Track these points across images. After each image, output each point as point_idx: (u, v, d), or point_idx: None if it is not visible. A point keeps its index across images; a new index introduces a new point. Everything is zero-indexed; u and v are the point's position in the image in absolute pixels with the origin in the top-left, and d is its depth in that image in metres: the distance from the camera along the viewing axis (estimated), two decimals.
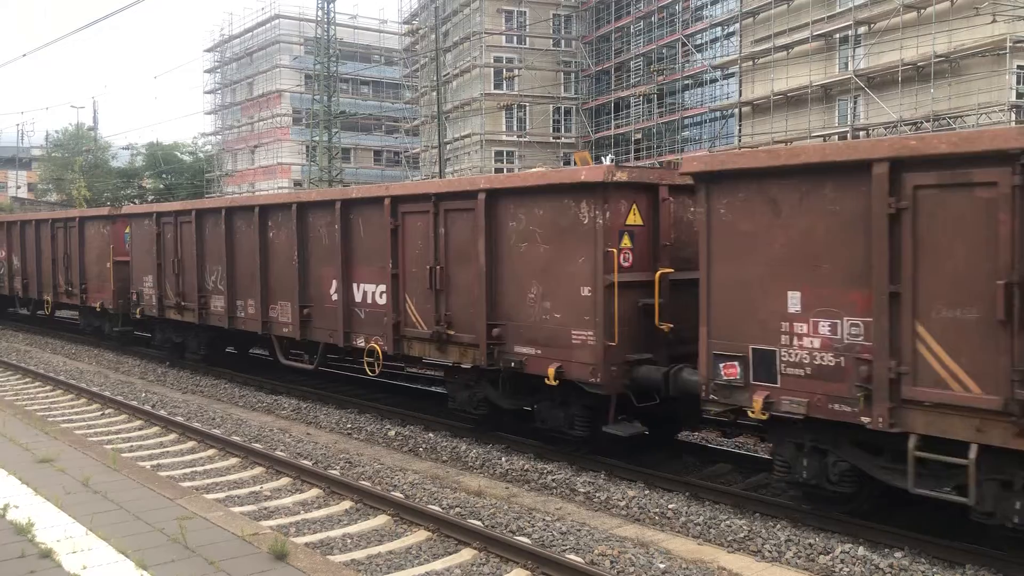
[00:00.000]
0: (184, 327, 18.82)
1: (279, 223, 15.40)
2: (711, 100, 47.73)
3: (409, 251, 12.69)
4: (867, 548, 7.88)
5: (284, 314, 15.30)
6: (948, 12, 32.47)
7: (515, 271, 11.11)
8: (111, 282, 21.16)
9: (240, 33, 70.49)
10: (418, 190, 13.03)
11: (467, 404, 12.30)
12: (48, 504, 8.20)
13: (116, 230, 21.18)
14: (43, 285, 24.69)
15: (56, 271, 23.86)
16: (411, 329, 12.69)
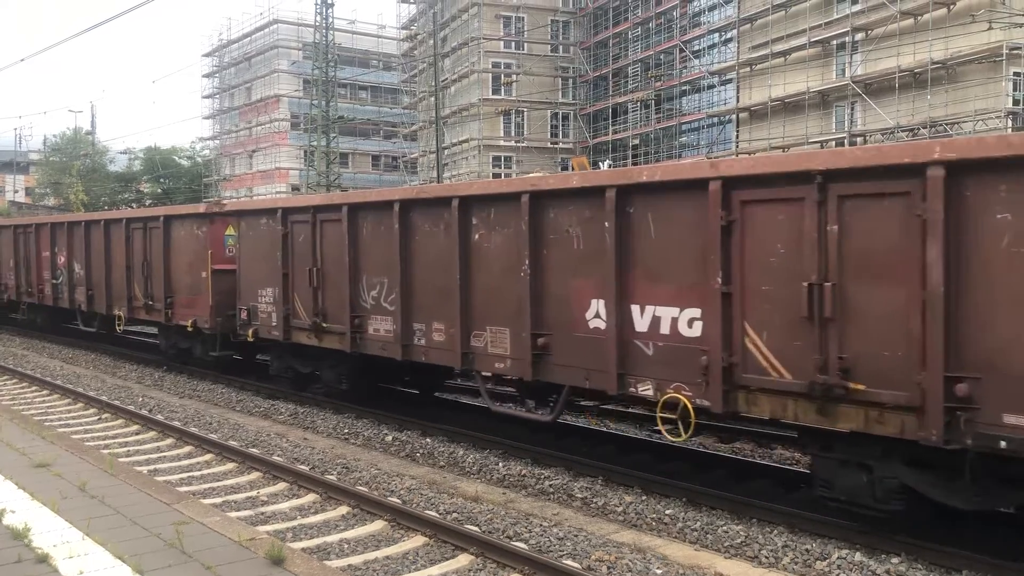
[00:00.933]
0: (318, 354, 14.76)
1: (493, 221, 11.31)
2: (709, 106, 47.89)
3: (755, 259, 8.48)
4: (864, 554, 7.88)
5: (498, 343, 11.24)
6: (944, 19, 32.60)
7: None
8: (208, 295, 16.96)
9: (239, 38, 70.63)
10: (782, 167, 8.49)
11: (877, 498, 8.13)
12: (45, 509, 8.18)
13: (215, 231, 17.17)
14: (113, 298, 20.83)
15: (131, 281, 19.94)
16: (758, 376, 8.48)
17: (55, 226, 23.88)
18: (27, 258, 25.33)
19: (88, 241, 22.03)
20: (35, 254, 24.79)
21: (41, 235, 24.54)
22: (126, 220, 20.42)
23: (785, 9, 39.22)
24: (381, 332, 12.96)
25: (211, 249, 17.03)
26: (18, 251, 25.87)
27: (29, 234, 25.36)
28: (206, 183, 71.71)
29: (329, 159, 56.64)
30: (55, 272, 23.60)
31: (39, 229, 24.88)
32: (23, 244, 25.64)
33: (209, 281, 16.89)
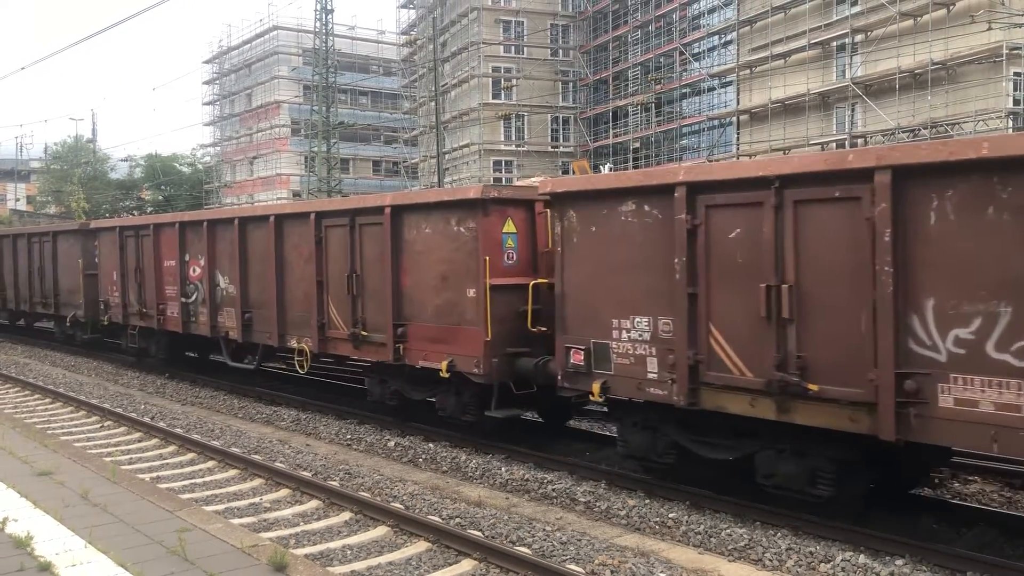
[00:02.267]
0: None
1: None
2: (709, 108, 47.89)
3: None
4: (868, 556, 7.86)
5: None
6: (944, 20, 32.60)
7: None
8: (482, 325, 11.47)
9: (239, 45, 70.74)
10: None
11: None
12: (47, 517, 8.17)
13: (488, 227, 11.63)
14: (290, 324, 15.26)
15: (324, 301, 14.34)
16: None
17: (187, 226, 18.26)
18: (140, 269, 19.80)
19: (244, 246, 16.33)
20: (153, 263, 19.17)
21: (163, 238, 18.90)
22: (315, 215, 14.46)
23: (785, 11, 39.23)
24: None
25: (486, 254, 11.55)
26: (125, 260, 20.36)
27: (144, 237, 19.63)
28: (207, 190, 71.79)
29: (330, 165, 56.68)
30: (185, 287, 18.17)
31: (160, 231, 19.08)
32: (134, 251, 20.08)
33: (484, 302, 11.54)
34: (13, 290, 27.10)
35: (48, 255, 24.74)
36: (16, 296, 26.87)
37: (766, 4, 39.72)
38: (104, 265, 21.62)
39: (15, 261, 26.94)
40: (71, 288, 23.60)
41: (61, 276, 24.13)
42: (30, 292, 25.88)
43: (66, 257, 23.86)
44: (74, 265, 23.29)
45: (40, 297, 25.29)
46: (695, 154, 48.52)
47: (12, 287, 27.16)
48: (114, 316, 21.03)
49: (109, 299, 21.20)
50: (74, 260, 23.29)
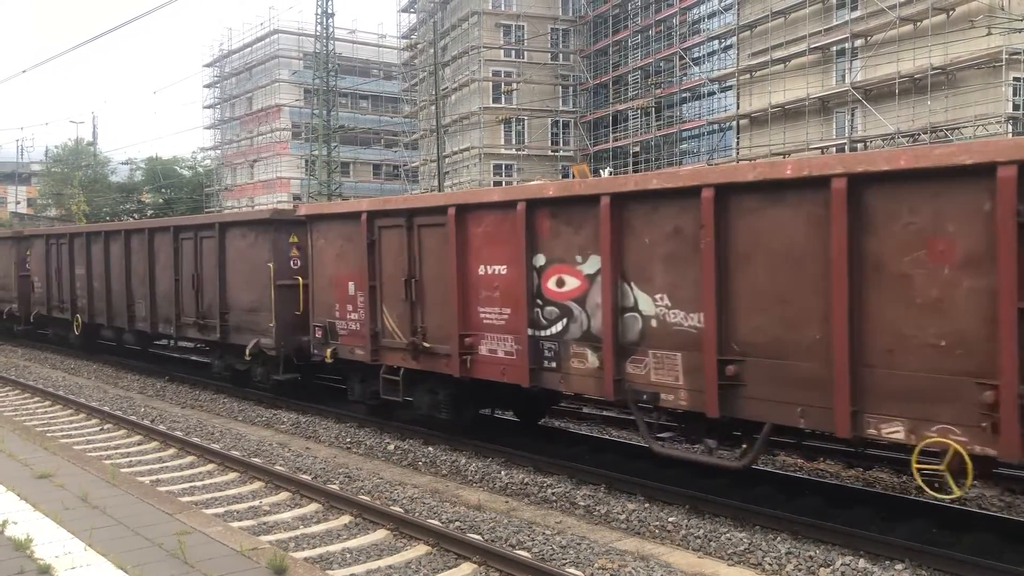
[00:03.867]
0: None
1: None
2: (709, 113, 47.94)
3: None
4: (868, 560, 7.86)
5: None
6: (944, 25, 32.65)
7: None
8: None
9: (239, 48, 70.82)
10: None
11: None
12: (47, 520, 8.17)
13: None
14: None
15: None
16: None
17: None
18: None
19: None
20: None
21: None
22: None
23: (785, 16, 39.28)
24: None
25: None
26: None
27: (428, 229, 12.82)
28: (207, 193, 71.82)
29: (330, 168, 56.70)
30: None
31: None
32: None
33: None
34: (147, 304, 19.41)
35: (210, 254, 17.45)
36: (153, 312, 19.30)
37: (766, 8, 39.77)
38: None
39: (150, 261, 19.44)
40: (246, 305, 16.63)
41: (233, 286, 17.00)
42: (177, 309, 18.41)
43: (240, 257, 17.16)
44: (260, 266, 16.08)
45: (196, 316, 17.91)
46: (695, 158, 48.58)
47: (146, 300, 19.40)
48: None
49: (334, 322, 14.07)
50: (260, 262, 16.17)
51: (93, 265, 22.00)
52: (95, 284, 21.93)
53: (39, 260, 24.94)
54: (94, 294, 21.94)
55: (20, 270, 26.05)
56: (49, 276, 24.19)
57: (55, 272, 23.88)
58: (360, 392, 14.27)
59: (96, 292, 21.82)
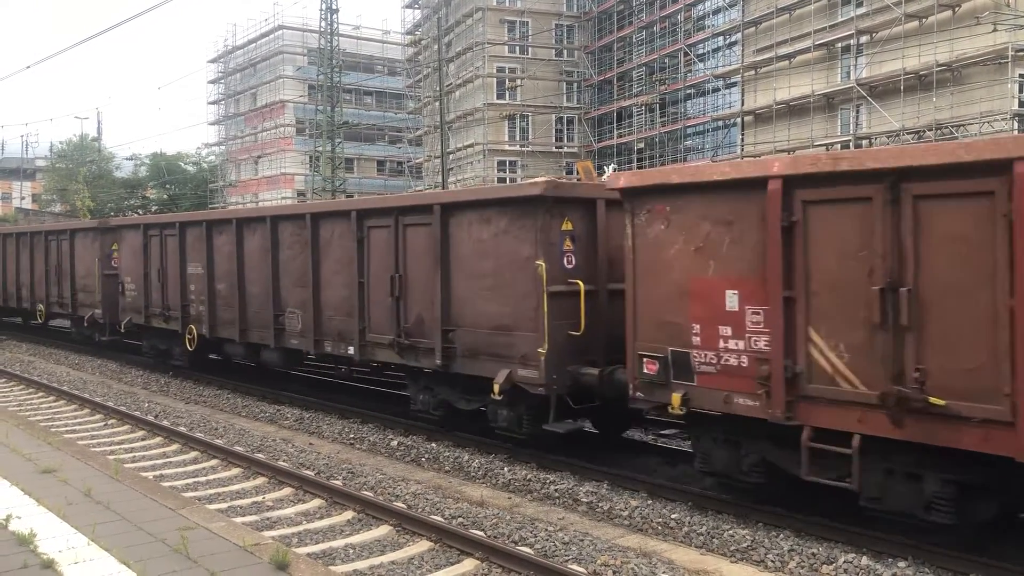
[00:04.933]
0: None
1: None
2: (713, 109, 47.84)
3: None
4: (871, 558, 7.85)
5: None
6: (949, 21, 32.54)
7: None
8: None
9: (244, 44, 70.81)
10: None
11: None
12: (50, 515, 8.19)
13: None
14: None
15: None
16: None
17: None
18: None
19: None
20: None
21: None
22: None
23: (790, 12, 39.18)
24: None
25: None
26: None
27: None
28: (212, 189, 71.87)
29: (334, 164, 56.72)
30: None
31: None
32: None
33: None
34: (307, 315, 14.94)
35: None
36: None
37: (771, 5, 39.67)
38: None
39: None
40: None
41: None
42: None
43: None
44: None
45: (396, 332, 13.63)
46: (700, 155, 48.49)
47: (306, 309, 14.91)
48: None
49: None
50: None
51: (217, 263, 17.27)
52: (219, 287, 17.25)
53: (133, 256, 20.08)
54: (217, 300, 17.26)
55: (104, 267, 21.45)
56: (147, 276, 19.48)
57: (156, 271, 19.11)
58: (732, 464, 9.27)
59: (221, 297, 17.18)
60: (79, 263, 22.83)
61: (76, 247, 22.89)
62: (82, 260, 22.70)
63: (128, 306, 20.33)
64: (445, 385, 12.58)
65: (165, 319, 18.91)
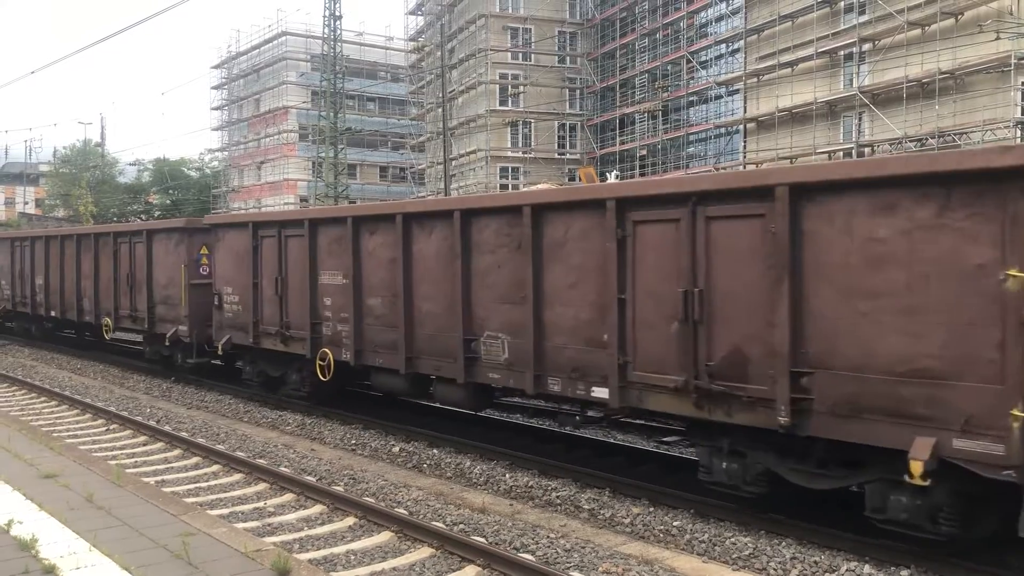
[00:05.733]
0: None
1: None
2: (716, 116, 47.88)
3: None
4: (873, 566, 7.83)
5: None
6: (952, 29, 32.54)
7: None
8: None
9: (247, 50, 71.00)
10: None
11: None
12: (52, 520, 8.19)
13: None
14: None
15: None
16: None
17: None
18: None
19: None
20: None
21: None
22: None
23: (792, 20, 39.22)
24: None
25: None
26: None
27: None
28: (215, 194, 71.99)
29: (337, 170, 56.81)
30: None
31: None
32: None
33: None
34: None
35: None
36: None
37: (774, 12, 39.71)
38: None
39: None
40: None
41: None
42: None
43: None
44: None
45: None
46: (702, 162, 48.51)
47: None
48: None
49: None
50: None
51: (368, 271, 13.56)
52: (371, 302, 13.52)
53: (234, 261, 16.60)
54: (367, 318, 13.60)
55: (192, 275, 18.28)
56: (257, 287, 15.85)
57: (273, 281, 15.35)
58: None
59: (373, 315, 13.49)
60: (159, 270, 19.48)
61: (155, 251, 19.63)
62: (162, 266, 19.34)
63: (227, 323, 16.75)
64: (775, 452, 8.75)
65: (283, 340, 15.25)
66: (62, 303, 24.14)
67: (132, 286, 20.53)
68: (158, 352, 19.87)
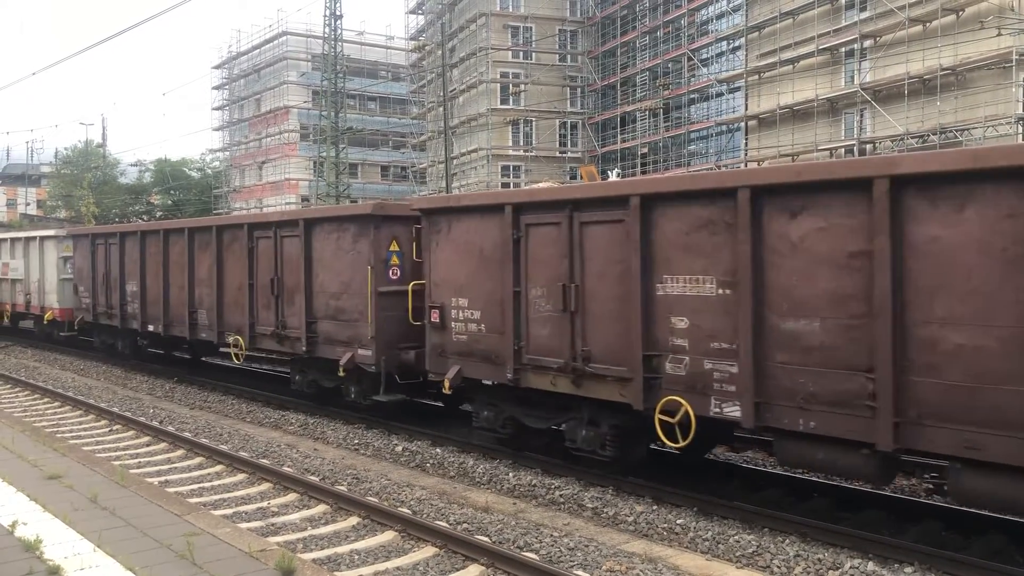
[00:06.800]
0: None
1: None
2: (717, 114, 47.83)
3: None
4: (877, 563, 7.83)
5: None
6: (954, 25, 32.49)
7: None
8: None
9: (248, 50, 71.01)
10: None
11: None
12: (56, 521, 8.20)
13: None
14: None
15: None
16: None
17: None
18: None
19: None
20: None
21: None
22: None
23: (793, 17, 39.17)
24: None
25: None
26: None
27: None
28: (216, 195, 72.03)
29: (338, 170, 56.80)
30: None
31: None
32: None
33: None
34: None
35: None
36: None
37: (775, 9, 39.66)
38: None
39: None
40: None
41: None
42: None
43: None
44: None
45: None
46: (703, 159, 48.47)
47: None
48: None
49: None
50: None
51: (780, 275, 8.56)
52: (793, 325, 8.43)
53: (469, 258, 11.89)
54: (788, 348, 8.50)
55: (380, 280, 13.62)
56: (520, 298, 11.11)
57: (559, 288, 10.60)
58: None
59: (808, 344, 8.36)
60: (324, 273, 14.80)
61: (318, 248, 14.91)
62: (330, 268, 14.70)
63: (455, 348, 12.09)
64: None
65: (576, 378, 10.46)
66: (166, 315, 19.31)
67: (279, 295, 15.70)
68: (315, 383, 15.50)
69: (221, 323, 17.50)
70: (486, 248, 11.63)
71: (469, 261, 11.91)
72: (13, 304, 27.34)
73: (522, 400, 11.62)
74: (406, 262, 13.97)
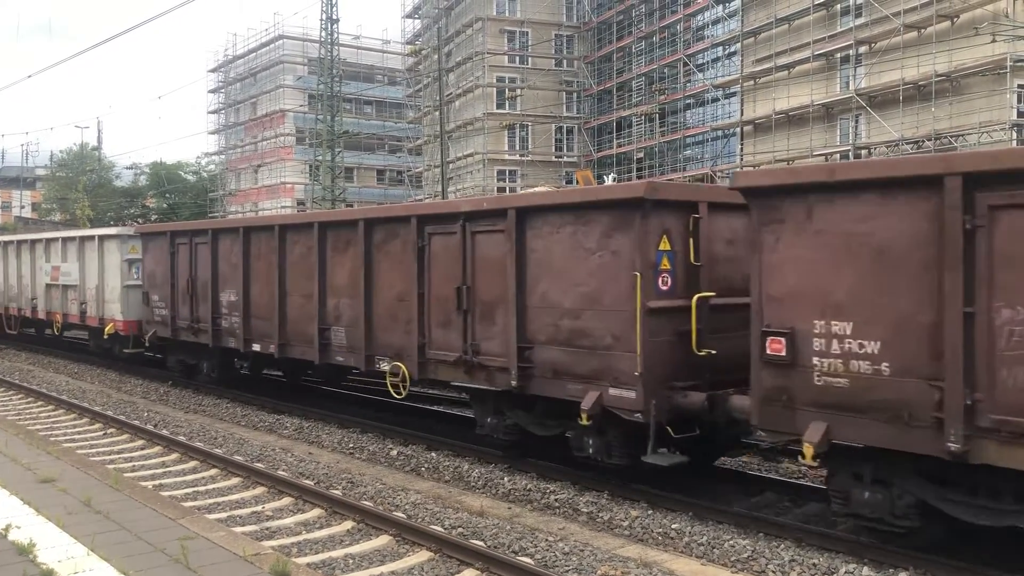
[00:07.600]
0: None
1: None
2: (713, 119, 47.93)
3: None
4: (871, 568, 7.84)
5: None
6: (948, 32, 32.63)
7: None
8: None
9: (244, 53, 71.00)
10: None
11: None
12: (50, 524, 8.18)
13: None
14: None
15: None
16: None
17: None
18: None
19: None
20: None
21: None
22: None
23: (789, 22, 39.29)
24: None
25: None
26: None
27: None
28: (211, 198, 71.95)
29: (334, 173, 56.77)
30: None
31: None
32: None
33: None
34: None
35: None
36: None
37: (770, 15, 39.79)
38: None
39: None
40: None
41: None
42: None
43: None
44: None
45: None
46: (699, 164, 48.55)
47: None
48: None
49: None
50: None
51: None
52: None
53: (842, 261, 8.02)
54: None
55: (651, 292, 9.63)
56: (979, 323, 7.17)
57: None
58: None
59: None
60: (544, 279, 10.91)
61: (534, 246, 11.02)
62: (556, 276, 10.78)
63: (833, 397, 8.08)
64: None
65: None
66: (282, 333, 15.48)
67: (469, 310, 11.84)
68: (518, 428, 11.66)
69: (370, 345, 13.59)
70: (896, 247, 7.69)
71: (854, 266, 7.94)
72: (65, 314, 23.12)
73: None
74: (679, 266, 9.94)
